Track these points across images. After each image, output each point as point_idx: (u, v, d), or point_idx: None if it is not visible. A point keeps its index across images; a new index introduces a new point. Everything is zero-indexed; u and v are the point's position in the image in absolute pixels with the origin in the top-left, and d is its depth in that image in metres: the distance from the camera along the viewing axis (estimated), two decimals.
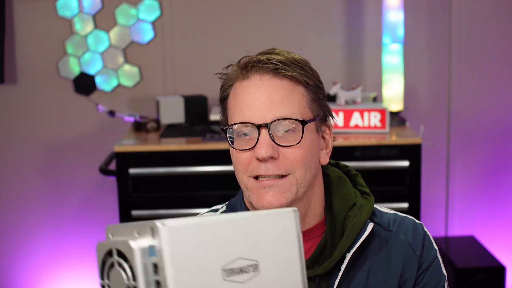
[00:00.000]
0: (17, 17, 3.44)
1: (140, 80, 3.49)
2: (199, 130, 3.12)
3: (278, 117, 1.24)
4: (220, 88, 1.34)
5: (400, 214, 1.39)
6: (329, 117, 1.33)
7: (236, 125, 1.26)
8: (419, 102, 3.51)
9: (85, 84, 3.49)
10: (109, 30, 3.45)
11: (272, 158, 1.24)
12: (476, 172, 3.57)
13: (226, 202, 1.41)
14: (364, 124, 2.95)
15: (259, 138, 1.24)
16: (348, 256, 1.28)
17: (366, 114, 2.94)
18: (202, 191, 2.91)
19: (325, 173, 1.37)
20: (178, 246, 0.87)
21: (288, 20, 3.46)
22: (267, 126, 1.24)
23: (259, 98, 1.25)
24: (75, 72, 3.48)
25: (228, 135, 1.28)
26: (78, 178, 3.54)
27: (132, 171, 2.87)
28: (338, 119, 2.95)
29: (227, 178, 2.87)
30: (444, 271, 1.37)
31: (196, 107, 3.28)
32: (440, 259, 1.37)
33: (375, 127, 2.94)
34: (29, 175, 3.56)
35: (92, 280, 3.59)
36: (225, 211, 1.38)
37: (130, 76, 3.48)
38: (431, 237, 1.38)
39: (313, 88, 1.29)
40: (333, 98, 3.04)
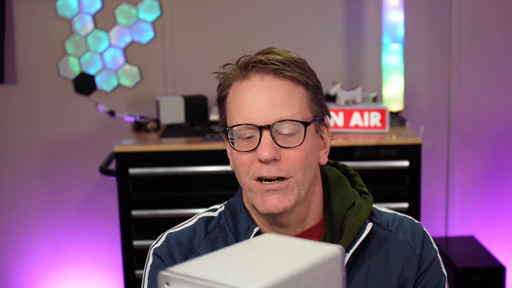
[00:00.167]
0: (17, 17, 3.44)
1: (140, 80, 3.49)
2: (199, 130, 3.12)
3: (280, 119, 1.24)
4: (218, 88, 1.33)
5: (399, 214, 1.39)
6: (327, 117, 1.33)
7: (237, 127, 1.26)
8: (419, 102, 3.51)
9: (85, 84, 3.49)
10: (109, 30, 3.45)
11: (275, 160, 1.24)
12: (476, 172, 3.57)
13: (225, 202, 1.41)
14: (364, 124, 2.95)
15: (261, 140, 1.24)
16: (347, 256, 1.28)
17: (366, 114, 2.94)
18: (202, 191, 2.90)
19: (324, 173, 1.37)
20: None
21: (288, 20, 3.46)
22: (269, 128, 1.24)
23: (260, 99, 1.25)
24: (75, 72, 3.48)
25: (229, 136, 1.28)
26: (78, 178, 3.54)
27: (132, 171, 2.87)
28: (338, 119, 2.95)
29: (227, 178, 2.87)
30: (444, 271, 1.37)
31: (196, 107, 3.28)
32: (440, 259, 1.37)
33: (375, 127, 2.94)
34: (29, 175, 3.56)
35: (92, 280, 3.59)
36: (224, 211, 1.38)
37: (130, 76, 3.48)
38: (431, 237, 1.38)
39: (313, 88, 1.29)
40: (333, 98, 3.04)
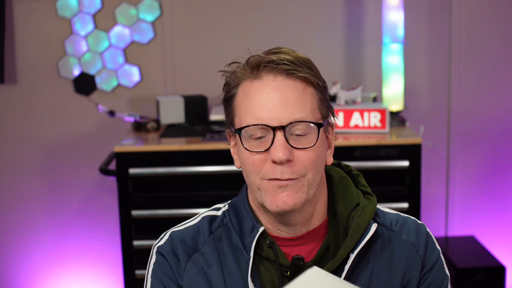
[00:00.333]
0: (17, 17, 3.44)
1: (140, 80, 3.49)
2: (199, 130, 3.12)
3: (294, 120, 1.24)
4: (224, 86, 1.32)
5: (402, 215, 1.39)
6: (332, 116, 1.33)
7: (249, 127, 1.25)
8: (419, 102, 3.51)
9: (85, 84, 3.49)
10: (109, 30, 3.45)
11: (288, 161, 1.24)
12: (476, 172, 3.57)
13: (228, 201, 1.41)
14: (364, 124, 2.95)
15: (274, 141, 1.24)
16: (352, 257, 1.28)
17: (366, 114, 2.94)
18: (202, 191, 2.90)
19: (328, 173, 1.37)
20: None
21: (288, 20, 3.46)
22: (283, 129, 1.23)
23: (273, 100, 1.24)
24: (75, 72, 3.48)
25: (242, 136, 1.27)
26: (78, 178, 3.54)
27: (132, 171, 2.87)
28: (338, 119, 2.95)
29: (227, 178, 2.87)
30: (447, 272, 1.37)
31: (196, 107, 3.28)
32: (443, 260, 1.37)
33: (375, 127, 2.94)
34: (29, 175, 3.56)
35: (92, 280, 3.59)
36: (227, 210, 1.38)
37: (130, 76, 3.48)
38: (434, 238, 1.38)
39: (321, 88, 1.29)
40: (333, 98, 3.04)
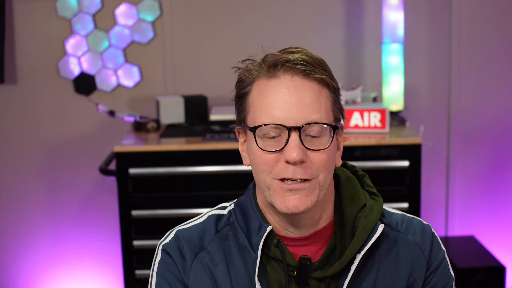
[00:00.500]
0: (17, 17, 3.44)
1: (140, 80, 3.49)
2: (199, 130, 3.12)
3: (310, 121, 1.23)
4: (237, 83, 1.31)
5: (408, 215, 1.39)
6: (342, 118, 1.33)
7: (264, 126, 1.25)
8: (419, 102, 3.51)
9: (85, 84, 3.49)
10: (109, 30, 3.45)
11: (302, 162, 1.24)
12: (476, 172, 3.57)
13: (234, 200, 1.40)
14: (364, 124, 2.95)
15: (289, 141, 1.23)
16: (359, 257, 1.28)
17: (366, 114, 2.94)
18: (202, 191, 2.90)
19: (335, 174, 1.36)
20: None
21: (288, 20, 3.46)
22: (298, 129, 1.23)
23: (290, 100, 1.24)
24: (75, 72, 3.48)
25: (256, 135, 1.26)
26: (78, 178, 3.54)
27: (132, 171, 2.87)
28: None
29: (227, 178, 2.87)
30: (452, 272, 1.37)
31: (196, 107, 3.28)
32: (448, 260, 1.37)
33: (375, 127, 2.94)
34: (29, 175, 3.56)
35: (92, 280, 3.59)
36: (233, 209, 1.37)
37: (130, 76, 3.48)
38: (439, 238, 1.38)
39: (335, 90, 1.29)
40: None
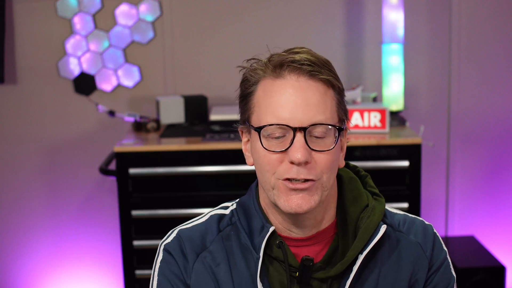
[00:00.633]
0: (17, 17, 3.44)
1: (140, 80, 3.49)
2: (199, 130, 3.12)
3: (315, 122, 1.23)
4: (242, 82, 1.31)
5: (410, 215, 1.39)
6: (346, 119, 1.33)
7: (269, 126, 1.24)
8: (419, 102, 3.51)
9: (85, 84, 3.49)
10: (109, 30, 3.45)
11: (306, 162, 1.23)
12: (476, 172, 3.57)
13: (236, 200, 1.40)
14: (364, 124, 2.95)
15: (294, 141, 1.23)
16: (361, 258, 1.28)
17: (366, 114, 2.94)
18: (202, 191, 2.90)
19: (337, 174, 1.36)
20: None
21: (288, 20, 3.46)
22: (304, 130, 1.23)
23: (296, 100, 1.23)
24: (75, 72, 3.48)
25: (260, 135, 1.26)
26: (78, 178, 3.54)
27: (132, 171, 2.87)
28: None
29: (227, 178, 2.87)
30: (454, 273, 1.37)
31: (196, 107, 3.28)
32: (450, 261, 1.37)
33: (375, 127, 2.94)
34: (29, 175, 3.56)
35: (92, 280, 3.59)
36: (235, 209, 1.37)
37: (130, 76, 3.48)
38: (441, 239, 1.38)
39: (340, 91, 1.29)
40: None
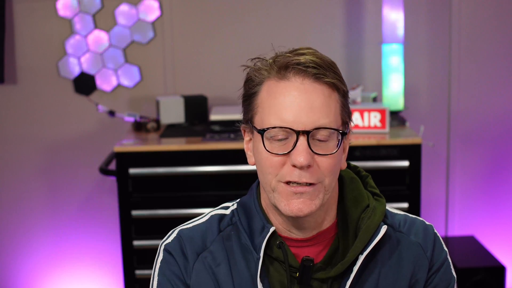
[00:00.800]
0: (17, 17, 3.44)
1: (140, 80, 3.49)
2: (199, 130, 3.12)
3: (318, 125, 1.22)
4: (246, 82, 1.30)
5: (410, 215, 1.39)
6: (350, 121, 1.31)
7: (273, 129, 1.23)
8: (419, 102, 3.51)
9: (85, 84, 3.49)
10: (109, 30, 3.45)
11: (308, 166, 1.22)
12: (476, 172, 3.57)
13: (237, 200, 1.39)
14: (364, 124, 2.95)
15: (297, 145, 1.22)
16: (361, 258, 1.28)
17: (366, 114, 2.94)
18: (202, 191, 2.90)
19: (339, 174, 1.35)
20: None
21: (288, 20, 3.46)
22: (307, 134, 1.22)
23: (300, 103, 1.22)
24: (75, 72, 3.48)
25: (263, 137, 1.25)
26: (78, 178, 3.54)
27: (132, 171, 2.87)
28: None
29: (227, 178, 2.87)
30: (454, 273, 1.37)
31: (196, 107, 3.28)
32: (450, 261, 1.37)
33: (375, 127, 2.94)
34: (29, 175, 3.56)
35: (92, 280, 3.59)
36: (236, 209, 1.37)
37: (130, 76, 3.48)
38: (441, 239, 1.37)
39: (345, 94, 1.28)
40: None
